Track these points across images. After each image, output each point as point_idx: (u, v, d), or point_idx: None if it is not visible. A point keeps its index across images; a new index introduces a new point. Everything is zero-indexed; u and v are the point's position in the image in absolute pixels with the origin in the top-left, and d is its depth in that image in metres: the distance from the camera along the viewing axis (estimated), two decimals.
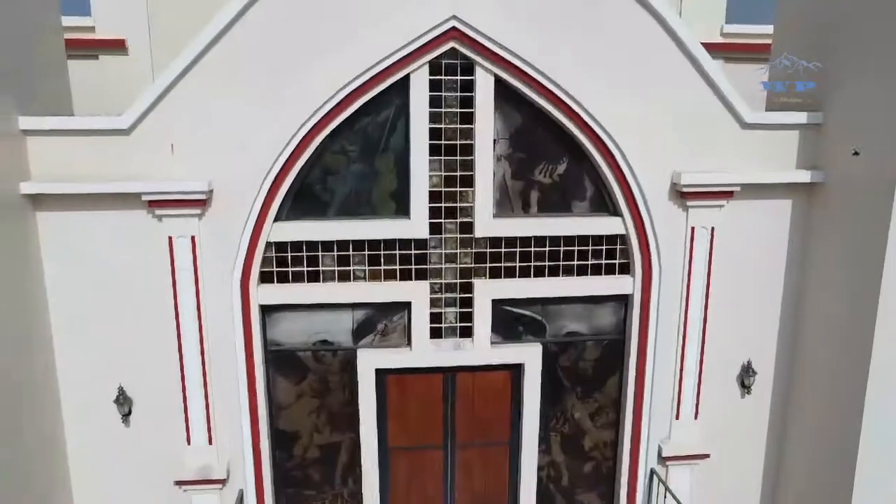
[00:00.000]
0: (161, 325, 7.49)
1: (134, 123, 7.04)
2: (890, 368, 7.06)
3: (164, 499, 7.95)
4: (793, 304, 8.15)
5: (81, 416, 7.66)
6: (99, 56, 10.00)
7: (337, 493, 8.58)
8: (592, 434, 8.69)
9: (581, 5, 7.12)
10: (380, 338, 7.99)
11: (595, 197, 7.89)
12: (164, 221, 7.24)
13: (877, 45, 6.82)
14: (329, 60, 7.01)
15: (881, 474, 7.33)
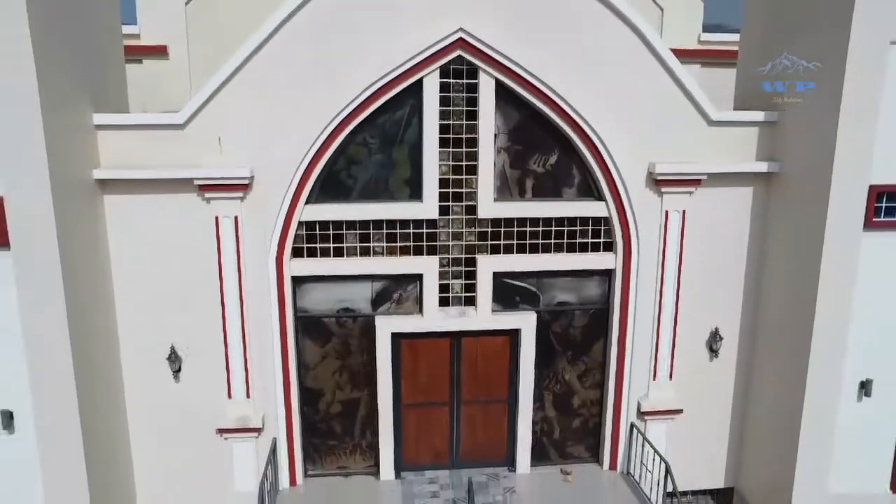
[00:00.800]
0: (207, 293, 8.97)
1: (188, 120, 8.49)
2: (829, 331, 8.52)
3: (208, 446, 9.42)
4: (754, 277, 9.61)
5: (138, 372, 9.13)
6: (143, 60, 11.39)
7: (356, 443, 10.07)
8: (580, 393, 10.17)
9: (569, 21, 8.57)
10: (395, 306, 9.46)
11: (582, 184, 9.35)
12: (211, 203, 8.70)
13: (817, 56, 8.25)
14: (354, 67, 8.46)
15: (824, 417, 8.79)
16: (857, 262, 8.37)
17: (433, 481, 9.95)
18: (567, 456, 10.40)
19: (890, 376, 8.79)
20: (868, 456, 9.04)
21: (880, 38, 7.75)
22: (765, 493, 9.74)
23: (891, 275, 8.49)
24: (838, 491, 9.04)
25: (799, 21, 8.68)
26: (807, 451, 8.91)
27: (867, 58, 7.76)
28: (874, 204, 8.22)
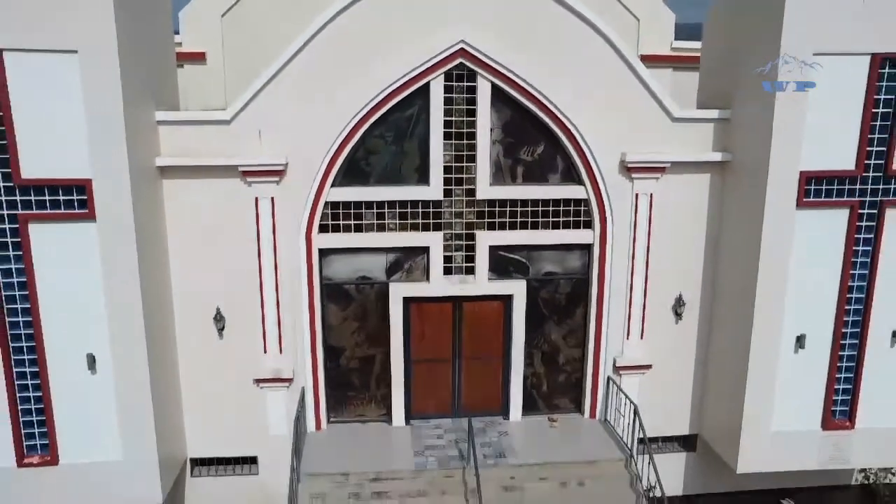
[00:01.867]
0: (247, 262, 11.05)
1: (233, 117, 10.56)
2: (769, 294, 10.59)
3: (246, 394, 11.49)
4: (711, 250, 11.67)
5: (188, 330, 11.22)
6: (184, 65, 13.38)
7: (372, 395, 12.15)
8: (564, 351, 12.25)
9: (553, 33, 10.60)
10: (406, 274, 11.54)
11: (564, 171, 11.40)
12: (252, 186, 10.77)
13: (758, 63, 10.25)
14: (372, 72, 10.51)
15: (766, 368, 10.86)
16: (792, 236, 10.43)
17: (438, 427, 12.04)
18: (553, 406, 12.50)
19: (820, 331, 10.85)
20: (803, 400, 11.09)
21: (805, 50, 9.76)
22: (721, 435, 11.82)
23: (819, 246, 10.54)
24: (778, 430, 11.09)
25: (743, 37, 10.71)
26: (752, 397, 10.98)
27: (791, 67, 9.77)
28: (804, 187, 10.26)
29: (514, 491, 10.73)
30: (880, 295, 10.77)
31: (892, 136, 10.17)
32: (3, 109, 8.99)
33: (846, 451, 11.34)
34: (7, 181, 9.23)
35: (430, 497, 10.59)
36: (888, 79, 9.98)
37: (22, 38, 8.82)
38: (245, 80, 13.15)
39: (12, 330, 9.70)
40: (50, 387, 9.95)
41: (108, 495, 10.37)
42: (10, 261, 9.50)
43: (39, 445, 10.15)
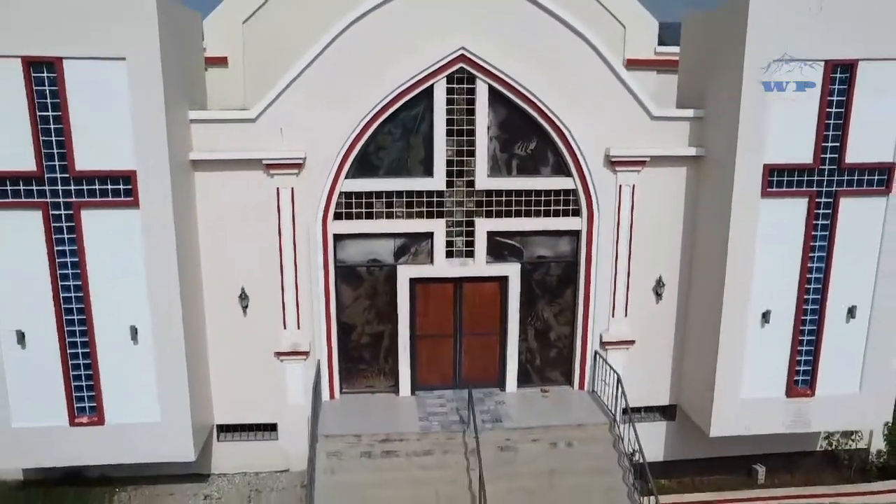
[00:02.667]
0: (269, 246, 12.60)
1: (258, 115, 12.09)
2: (737, 275, 12.15)
3: (267, 366, 13.02)
4: (688, 236, 13.22)
5: (216, 308, 12.77)
6: (208, 69, 14.86)
7: (380, 368, 13.70)
8: (555, 328, 13.79)
9: (544, 40, 12.11)
10: (412, 257, 13.07)
11: (555, 164, 12.93)
12: (274, 178, 12.30)
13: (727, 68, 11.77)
14: (383, 75, 12.02)
15: (735, 341, 12.42)
16: (757, 222, 11.98)
17: (441, 397, 13.61)
18: (545, 379, 14.06)
19: (783, 308, 12.42)
20: (768, 370, 12.65)
21: (766, 57, 11.27)
22: (696, 404, 13.39)
23: (782, 231, 12.09)
24: (747, 397, 12.65)
25: (713, 44, 12.24)
26: (723, 368, 12.55)
27: (754, 73, 11.29)
28: (768, 178, 11.81)
29: (508, 451, 12.28)
30: (837, 275, 12.33)
31: (844, 133, 11.72)
32: (62, 110, 10.55)
33: (807, 415, 12.92)
34: (63, 173, 10.79)
35: (434, 456, 12.14)
36: (839, 82, 11.53)
37: (78, 48, 10.37)
38: (262, 82, 14.85)
39: (65, 304, 11.27)
40: (97, 356, 11.52)
41: (147, 453, 11.97)
42: (64, 243, 11.06)
43: (88, 408, 11.73)
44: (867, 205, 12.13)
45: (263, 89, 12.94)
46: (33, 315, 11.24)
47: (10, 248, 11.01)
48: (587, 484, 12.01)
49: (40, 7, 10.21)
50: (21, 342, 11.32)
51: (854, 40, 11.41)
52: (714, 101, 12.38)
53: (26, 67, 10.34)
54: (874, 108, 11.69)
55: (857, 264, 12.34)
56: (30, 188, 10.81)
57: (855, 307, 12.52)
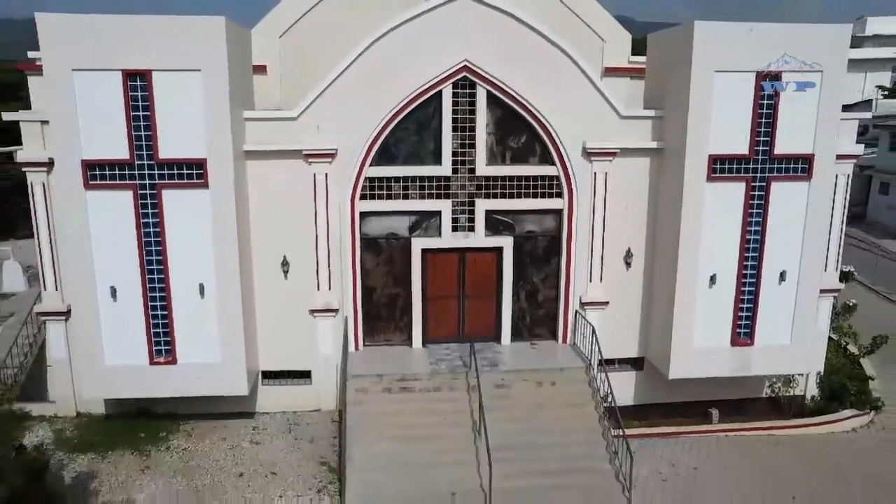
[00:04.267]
0: (306, 222, 16.08)
1: (299, 115, 15.56)
2: (689, 245, 15.66)
3: (303, 322, 16.47)
4: (651, 215, 16.73)
5: (262, 272, 16.26)
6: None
7: (397, 324, 17.17)
8: (542, 291, 17.27)
9: (532, 53, 15.56)
10: (424, 231, 16.55)
11: (541, 155, 16.39)
12: (311, 165, 15.75)
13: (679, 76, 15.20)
14: (401, 81, 15.44)
15: (688, 301, 15.93)
16: (703, 202, 15.42)
17: (447, 348, 17.10)
18: (534, 334, 17.58)
19: (727, 273, 15.92)
20: (716, 324, 16.13)
21: (707, 68, 14.71)
22: (658, 353, 16.85)
23: (724, 209, 15.57)
24: (698, 346, 16.17)
25: (668, 57, 15.68)
26: (679, 322, 16.04)
27: (698, 80, 14.73)
28: (712, 166, 15.25)
29: (503, 388, 15.77)
30: (770, 245, 15.85)
31: (773, 129, 15.18)
32: (150, 110, 14.00)
33: (748, 362, 16.43)
34: (150, 160, 14.25)
35: (442, 391, 15.63)
36: (768, 91, 14.97)
37: (164, 63, 13.87)
38: (295, 86, 18.25)
39: (149, 266, 14.76)
40: (173, 307, 15.01)
41: (210, 387, 15.47)
42: (149, 217, 14.56)
43: (164, 350, 15.24)
44: (793, 188, 15.64)
45: (296, 93, 16.53)
46: (124, 274, 14.78)
47: (107, 221, 14.51)
48: (566, 414, 15.51)
49: (137, 32, 13.70)
50: (114, 296, 14.83)
51: (780, 55, 14.86)
52: (670, 103, 15.84)
53: (125, 78, 13.82)
54: (797, 110, 15.17)
55: (786, 237, 15.86)
56: (123, 172, 14.31)
57: (785, 272, 16.02)
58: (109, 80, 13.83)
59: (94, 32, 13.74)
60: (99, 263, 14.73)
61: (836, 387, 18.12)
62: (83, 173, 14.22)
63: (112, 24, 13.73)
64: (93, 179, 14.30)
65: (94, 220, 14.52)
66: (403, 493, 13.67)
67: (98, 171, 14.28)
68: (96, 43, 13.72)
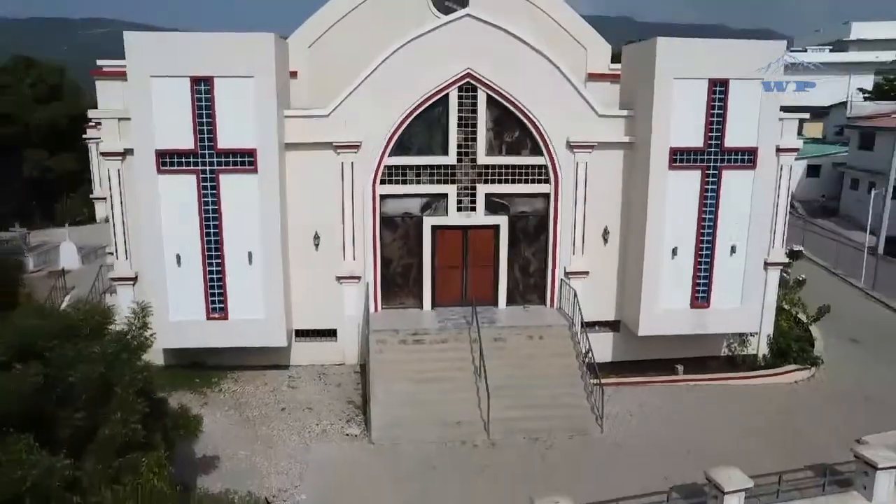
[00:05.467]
0: (335, 202, 19.65)
1: (329, 113, 19.12)
2: (655, 223, 19.22)
3: (331, 287, 19.96)
4: (625, 198, 20.20)
5: (297, 245, 19.75)
6: None
7: (410, 290, 20.78)
8: (535, 264, 20.82)
9: (524, 63, 19.08)
10: (433, 211, 20.10)
11: (532, 147, 19.99)
12: (339, 155, 19.30)
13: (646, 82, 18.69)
14: (415, 85, 18.96)
15: (654, 270, 19.45)
16: (666, 187, 18.96)
17: (453, 310, 20.69)
18: (526, 300, 21.14)
19: (686, 246, 19.49)
20: (677, 289, 19.66)
21: (668, 76, 18.21)
22: (630, 316, 20.36)
23: (682, 194, 19.12)
24: (663, 308, 19.70)
25: (637, 66, 19.19)
26: (646, 288, 19.58)
27: (660, 86, 18.26)
28: (672, 157, 18.76)
29: (500, 341, 19.31)
30: (722, 224, 19.44)
31: (723, 126, 18.76)
32: (211, 109, 17.48)
33: (705, 322, 19.94)
34: (210, 149, 17.73)
35: (448, 343, 19.17)
36: (718, 93, 18.51)
37: (224, 70, 17.40)
38: (322, 89, 21.68)
39: (207, 237, 18.28)
40: (226, 272, 18.48)
41: (255, 339, 19.00)
42: (208, 196, 18.07)
43: (218, 308, 18.74)
44: (741, 176, 19.23)
45: (322, 95, 20.02)
46: (187, 244, 18.31)
47: (174, 200, 18.05)
48: (552, 363, 19.04)
49: (203, 46, 17.26)
50: (178, 262, 18.32)
51: (727, 67, 18.42)
52: (638, 104, 19.36)
53: (192, 83, 17.34)
54: (742, 110, 18.73)
55: (735, 216, 19.45)
56: (189, 160, 17.84)
57: (735, 246, 19.61)
58: (180, 85, 17.37)
59: (169, 47, 17.35)
60: (167, 235, 18.26)
61: (783, 347, 21.65)
62: (156, 161, 17.74)
63: (184, 40, 17.31)
64: (164, 165, 17.84)
65: (163, 200, 18.06)
66: (417, 421, 17.21)
67: (168, 158, 17.82)
68: (170, 55, 17.31)
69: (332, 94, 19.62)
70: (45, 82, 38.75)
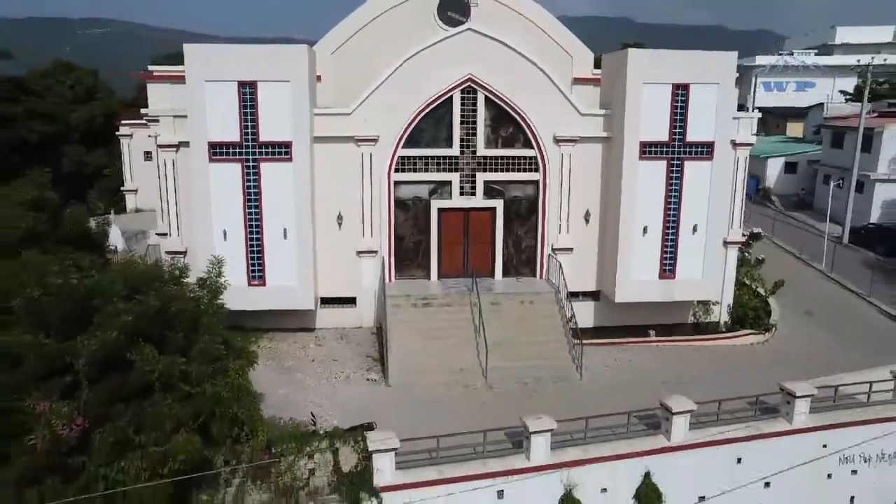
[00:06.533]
0: (355, 187, 23.47)
1: (352, 111, 22.92)
2: (628, 206, 22.96)
3: (351, 260, 23.72)
4: (604, 184, 23.94)
5: (322, 224, 23.50)
6: None
7: (419, 262, 24.64)
8: (526, 241, 24.62)
9: (517, 69, 22.84)
10: (439, 195, 23.93)
11: (524, 141, 23.77)
12: (360, 147, 23.16)
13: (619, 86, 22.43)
14: (424, 88, 22.74)
15: (628, 245, 23.18)
16: (637, 175, 22.66)
17: (456, 281, 24.48)
18: (520, 272, 24.92)
19: (655, 225, 23.18)
20: (648, 262, 23.39)
21: (638, 81, 21.95)
22: (608, 286, 24.08)
23: (651, 181, 22.74)
24: (636, 278, 23.39)
25: (612, 72, 22.91)
26: (621, 261, 23.30)
27: (632, 89, 21.98)
28: (642, 149, 22.49)
29: (496, 305, 23.06)
30: (685, 207, 23.23)
31: (685, 123, 22.44)
32: (255, 108, 21.21)
33: (672, 290, 23.62)
34: (253, 141, 21.48)
35: (452, 306, 22.95)
36: (680, 96, 22.25)
37: (265, 76, 21.17)
38: (343, 91, 25.40)
39: (249, 216, 22.00)
40: (265, 245, 22.17)
41: (289, 303, 22.70)
42: (251, 181, 21.83)
43: (258, 276, 22.42)
44: (701, 166, 22.99)
45: (343, 96, 23.72)
46: (232, 222, 22.08)
47: (223, 184, 21.81)
48: (541, 324, 22.78)
49: (248, 56, 21.03)
50: (225, 237, 22.02)
51: (687, 74, 22.14)
52: (614, 105, 23.06)
53: (239, 86, 21.10)
54: (701, 109, 22.45)
55: (696, 200, 23.22)
56: (235, 150, 21.57)
57: (697, 225, 23.33)
58: (228, 88, 21.13)
59: (221, 56, 21.10)
60: (216, 214, 21.96)
61: (741, 315, 25.35)
62: (208, 151, 21.45)
63: (232, 51, 21.09)
64: (214, 155, 21.58)
65: (213, 184, 21.77)
66: (427, 368, 20.96)
67: (218, 149, 21.56)
68: (221, 63, 21.10)
69: (352, 95, 23.41)
70: (83, 84, 42.70)
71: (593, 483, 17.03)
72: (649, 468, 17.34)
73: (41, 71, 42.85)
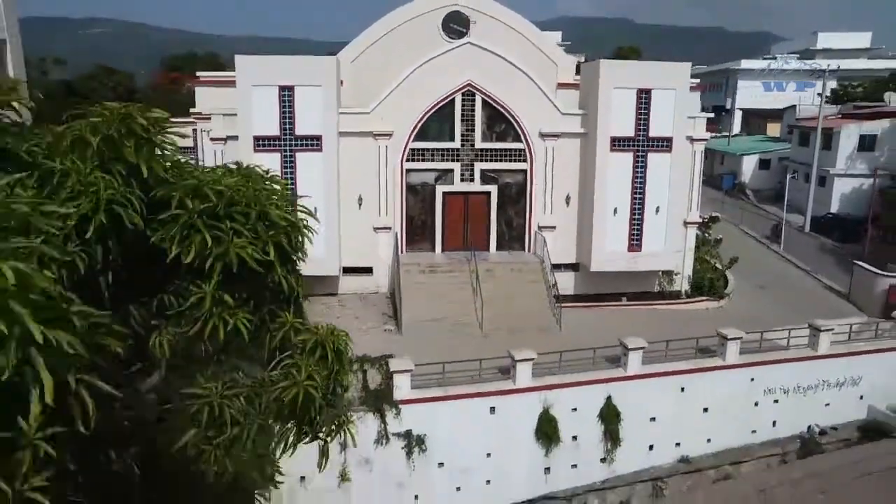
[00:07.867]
0: (373, 174, 28.60)
1: (371, 111, 28.06)
2: (602, 191, 28.02)
3: (369, 235, 28.72)
4: (583, 172, 28.99)
5: (345, 205, 28.51)
6: None
7: (427, 237, 29.94)
8: (516, 220, 29.76)
9: (510, 76, 27.86)
10: (443, 181, 28.91)
11: (514, 136, 28.99)
12: (377, 140, 28.28)
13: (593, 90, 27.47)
14: (431, 91, 27.81)
15: (602, 223, 28.20)
16: (608, 165, 27.69)
17: (457, 252, 29.45)
18: (511, 247, 30.00)
19: (624, 206, 28.24)
20: (618, 237, 28.43)
21: (609, 86, 26.95)
22: (585, 257, 29.07)
23: (621, 170, 27.84)
24: (608, 250, 28.44)
25: (590, 79, 27.95)
26: (596, 237, 28.46)
27: (603, 93, 27.02)
28: (612, 143, 27.55)
29: (490, 272, 28.09)
30: (649, 191, 28.31)
31: (648, 120, 27.44)
32: (292, 107, 26.20)
33: (637, 261, 28.56)
34: (291, 135, 26.45)
35: (454, 273, 28.03)
36: (644, 99, 27.25)
37: (301, 81, 26.20)
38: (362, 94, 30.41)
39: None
40: None
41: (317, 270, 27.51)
42: (288, 168, 26.81)
43: None
44: (661, 157, 28.02)
45: (362, 97, 28.84)
46: None
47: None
48: (528, 288, 27.78)
49: (288, 65, 26.03)
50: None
51: (649, 80, 27.17)
52: (590, 106, 28.09)
53: (279, 90, 26.09)
54: (661, 110, 27.47)
55: (658, 186, 28.25)
56: (275, 143, 26.57)
57: (659, 207, 28.36)
58: (271, 91, 26.11)
59: (265, 66, 26.13)
60: None
61: (700, 285, 30.35)
62: (253, 143, 26.43)
63: (275, 61, 26.17)
64: (258, 146, 26.57)
65: None
66: (433, 319, 25.97)
67: (261, 142, 26.54)
68: (266, 71, 26.16)
69: (369, 97, 28.48)
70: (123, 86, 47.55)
71: (566, 403, 22.03)
72: (610, 393, 22.36)
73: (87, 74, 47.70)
